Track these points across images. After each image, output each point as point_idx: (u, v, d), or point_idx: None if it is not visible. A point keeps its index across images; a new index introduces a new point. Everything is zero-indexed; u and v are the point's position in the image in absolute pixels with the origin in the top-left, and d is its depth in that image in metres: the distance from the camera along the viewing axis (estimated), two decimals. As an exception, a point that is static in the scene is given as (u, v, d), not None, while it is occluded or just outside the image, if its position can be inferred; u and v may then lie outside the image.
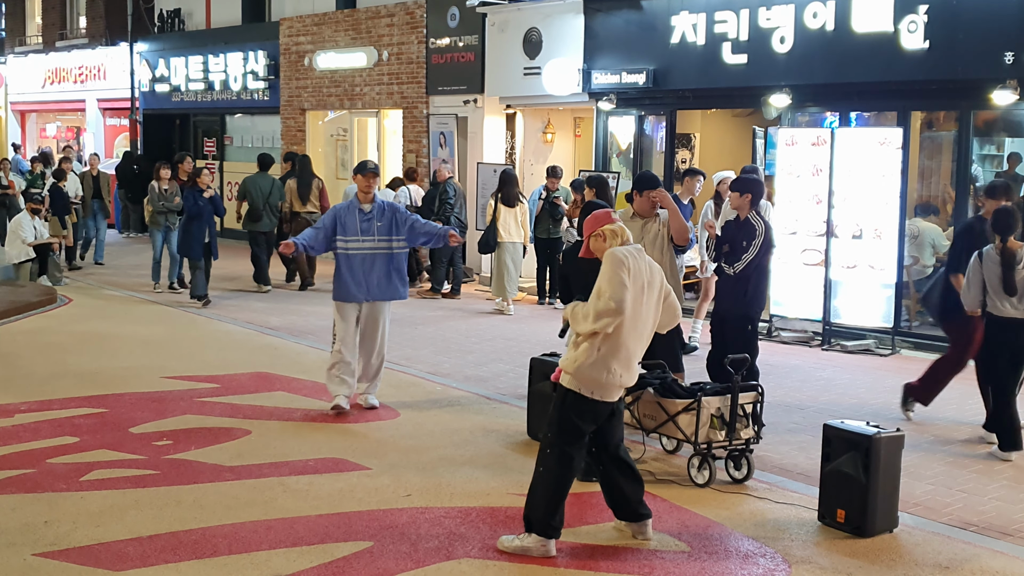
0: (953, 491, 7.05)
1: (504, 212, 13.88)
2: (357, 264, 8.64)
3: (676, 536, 6.12)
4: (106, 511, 6.34)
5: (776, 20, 12.69)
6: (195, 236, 14.01)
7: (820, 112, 13.22)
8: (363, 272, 8.64)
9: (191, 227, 14.05)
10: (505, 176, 14.07)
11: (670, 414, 7.04)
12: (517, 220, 13.93)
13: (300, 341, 11.90)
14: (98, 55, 26.12)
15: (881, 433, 6.13)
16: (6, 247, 16.34)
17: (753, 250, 8.21)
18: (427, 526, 6.18)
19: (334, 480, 7.02)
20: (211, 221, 14.23)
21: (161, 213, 15.48)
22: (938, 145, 12.75)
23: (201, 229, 14.04)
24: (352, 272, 8.64)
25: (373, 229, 8.67)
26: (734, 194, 8.50)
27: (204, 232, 14.08)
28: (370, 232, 8.67)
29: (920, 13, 11.36)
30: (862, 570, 5.69)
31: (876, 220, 11.50)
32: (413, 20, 18.22)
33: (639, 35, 14.35)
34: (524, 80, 16.03)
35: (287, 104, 21.28)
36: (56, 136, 30.47)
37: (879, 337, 11.85)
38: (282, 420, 8.52)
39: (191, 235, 14.04)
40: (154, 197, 15.54)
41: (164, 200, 15.46)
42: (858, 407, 9.13)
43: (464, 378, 10.24)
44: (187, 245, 14.16)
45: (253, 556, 5.69)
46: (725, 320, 8.44)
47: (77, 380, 9.77)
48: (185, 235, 14.20)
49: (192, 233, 14.02)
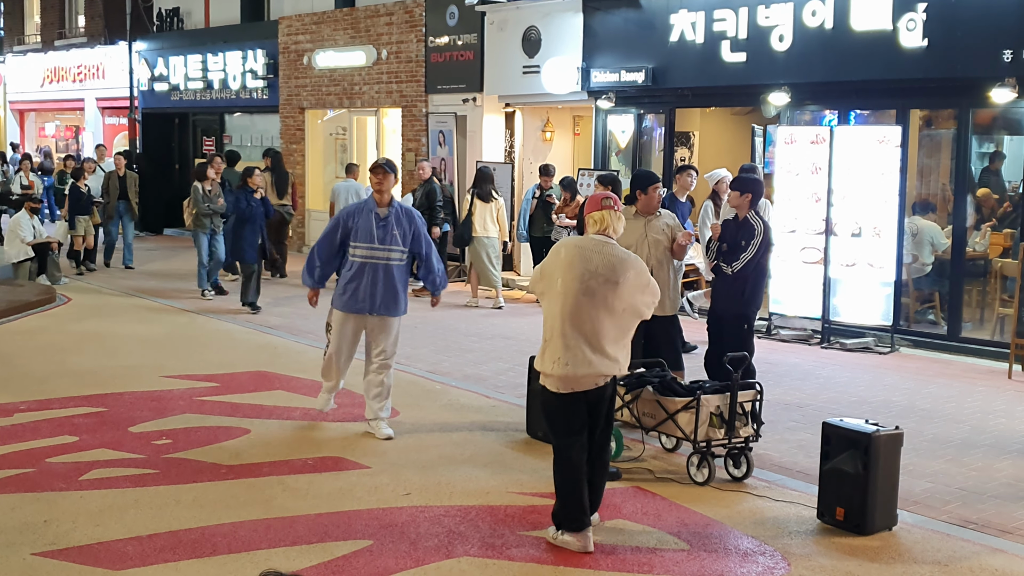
0: (952, 489, 7.05)
1: (480, 207, 14.07)
2: (368, 273, 7.87)
3: (675, 534, 6.12)
4: (105, 510, 6.33)
5: (775, 18, 12.69)
6: (248, 240, 13.44)
7: (819, 110, 13.23)
8: (371, 282, 7.87)
9: (243, 231, 13.44)
10: (480, 173, 14.25)
11: (669, 412, 7.04)
12: (492, 215, 14.08)
13: (299, 340, 11.90)
14: (97, 54, 26.11)
15: (880, 431, 6.13)
16: (5, 247, 16.32)
17: (752, 250, 8.21)
18: (427, 525, 6.18)
19: (333, 479, 7.02)
20: (263, 223, 13.74)
21: (206, 216, 14.88)
22: (937, 143, 12.75)
23: (254, 232, 13.52)
24: (361, 281, 7.86)
25: (390, 237, 7.86)
26: (734, 193, 8.50)
27: (257, 235, 13.57)
28: (386, 241, 7.85)
29: (919, 11, 11.36)
30: (861, 568, 5.69)
31: (875, 218, 11.50)
32: (412, 19, 18.22)
33: (638, 33, 14.35)
34: (523, 79, 16.03)
35: (286, 103, 21.27)
36: (55, 135, 30.46)
37: (878, 335, 11.85)
38: (281, 419, 8.52)
39: (243, 239, 13.43)
40: (198, 199, 14.90)
41: (209, 202, 14.88)
42: (857, 405, 9.13)
43: (463, 377, 10.24)
44: (239, 249, 13.55)
45: (253, 555, 5.69)
46: (722, 319, 8.46)
47: (76, 379, 9.76)
48: (236, 239, 13.56)
49: (244, 237, 13.43)
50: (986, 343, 11.41)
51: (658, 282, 8.18)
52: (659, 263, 8.21)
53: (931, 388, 9.92)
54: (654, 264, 8.18)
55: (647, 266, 8.03)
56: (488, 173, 14.39)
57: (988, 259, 11.94)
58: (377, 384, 8.07)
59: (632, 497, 6.75)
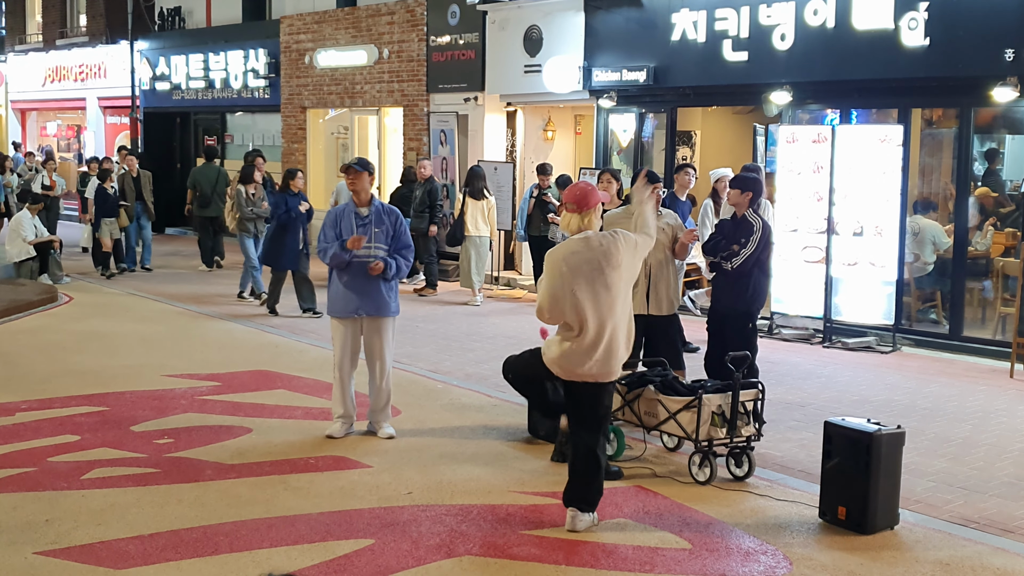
0: (954, 488, 7.04)
1: (471, 206, 14.15)
2: (354, 274, 7.78)
3: (677, 534, 6.12)
4: (107, 509, 6.34)
5: (777, 17, 12.69)
6: (288, 246, 12.92)
7: (821, 109, 13.22)
8: (362, 283, 7.79)
9: (284, 236, 12.91)
10: (472, 171, 14.30)
11: (671, 412, 7.04)
12: (484, 214, 14.11)
13: (301, 339, 11.90)
14: (98, 53, 26.12)
15: (882, 430, 6.13)
16: (6, 246, 16.32)
17: (751, 246, 8.21)
18: (428, 524, 6.18)
19: (335, 478, 7.02)
20: (305, 228, 13.24)
21: (250, 220, 14.35)
22: (939, 142, 12.75)
23: (295, 238, 12.97)
24: (349, 283, 7.80)
25: (371, 235, 7.81)
26: (734, 191, 8.49)
27: (298, 241, 13.01)
28: (370, 239, 7.80)
29: (920, 10, 11.36)
30: (863, 567, 5.69)
31: (877, 217, 11.50)
32: (413, 18, 18.22)
33: (640, 32, 14.35)
34: (525, 78, 16.03)
35: (288, 102, 21.28)
36: (56, 135, 30.46)
37: (880, 334, 11.84)
38: (283, 418, 8.52)
39: (283, 244, 12.91)
40: (241, 203, 14.37)
41: (253, 206, 14.34)
42: (859, 404, 9.13)
43: (465, 376, 10.24)
44: (275, 254, 13.00)
45: (254, 554, 5.69)
46: (726, 317, 8.42)
47: (78, 378, 9.77)
48: (274, 244, 13.02)
49: (285, 243, 12.91)
50: (988, 342, 11.41)
51: (659, 282, 8.25)
52: (659, 263, 8.21)
53: (933, 387, 9.92)
54: (654, 264, 8.18)
55: (647, 266, 8.10)
56: (480, 172, 14.44)
57: (990, 258, 11.94)
58: (382, 391, 8.02)
59: (634, 496, 6.75)
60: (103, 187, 16.82)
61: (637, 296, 8.22)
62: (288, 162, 20.51)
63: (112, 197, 16.80)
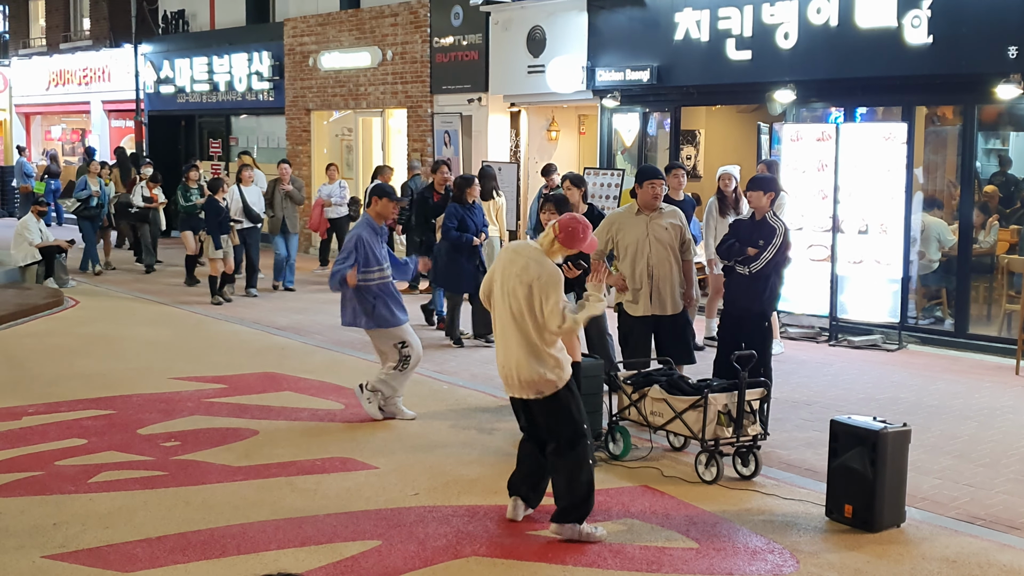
0: (960, 485, 7.04)
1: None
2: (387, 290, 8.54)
3: (684, 533, 6.12)
4: (115, 512, 6.35)
5: (780, 16, 12.68)
6: (465, 268, 11.75)
7: (825, 107, 13.21)
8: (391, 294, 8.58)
9: (458, 256, 11.76)
10: (483, 171, 14.24)
11: (677, 411, 7.04)
12: (492, 214, 14.07)
13: (307, 341, 11.92)
14: (102, 57, 26.17)
15: (888, 428, 6.13)
16: (12, 249, 16.34)
17: (772, 250, 8.11)
18: (435, 525, 6.19)
19: (342, 479, 7.03)
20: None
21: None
22: (943, 140, 12.73)
23: (471, 259, 11.82)
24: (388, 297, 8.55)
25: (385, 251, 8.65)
26: (756, 193, 8.28)
27: (474, 260, 11.87)
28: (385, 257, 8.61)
29: (924, 8, 11.34)
30: (870, 565, 5.69)
31: (882, 215, 11.49)
32: (417, 19, 18.23)
33: (643, 32, 14.35)
34: (528, 78, 16.04)
35: (292, 104, 21.30)
36: (61, 138, 30.53)
37: (886, 332, 11.83)
38: (290, 420, 8.54)
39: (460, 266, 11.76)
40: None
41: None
42: (865, 402, 9.12)
43: (471, 376, 10.25)
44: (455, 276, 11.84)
45: (262, 556, 5.71)
46: (742, 319, 8.24)
47: (84, 382, 9.79)
48: (452, 265, 11.80)
49: (461, 264, 11.77)
50: (993, 339, 11.40)
51: (662, 283, 8.23)
52: (660, 261, 8.19)
53: (938, 384, 9.91)
54: (655, 262, 8.16)
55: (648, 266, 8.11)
56: (490, 172, 14.40)
57: (995, 255, 11.92)
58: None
59: (640, 496, 6.76)
60: (215, 199, 14.70)
61: (641, 297, 8.23)
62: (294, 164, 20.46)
63: (224, 211, 14.86)
